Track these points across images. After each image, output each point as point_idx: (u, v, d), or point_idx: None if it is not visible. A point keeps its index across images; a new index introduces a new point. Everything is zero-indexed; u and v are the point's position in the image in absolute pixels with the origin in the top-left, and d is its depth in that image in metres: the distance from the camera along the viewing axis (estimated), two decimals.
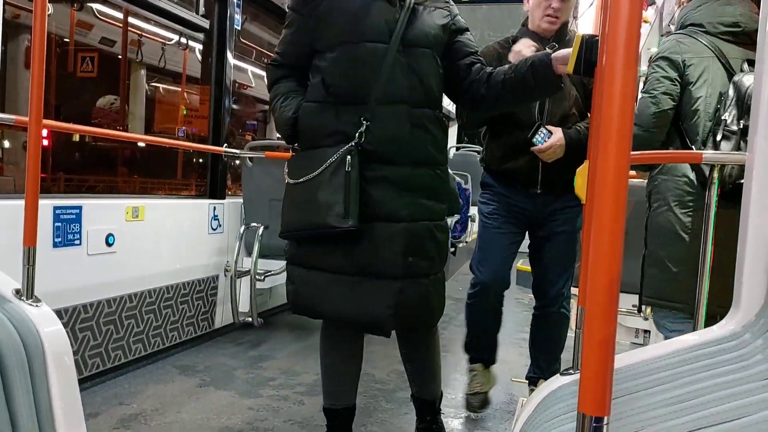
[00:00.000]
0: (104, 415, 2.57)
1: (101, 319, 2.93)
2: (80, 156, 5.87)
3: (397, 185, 1.92)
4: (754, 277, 1.24)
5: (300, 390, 2.99)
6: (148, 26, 5.67)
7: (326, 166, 1.88)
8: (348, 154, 1.87)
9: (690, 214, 2.25)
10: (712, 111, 2.22)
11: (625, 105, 0.73)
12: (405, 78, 1.91)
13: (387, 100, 1.90)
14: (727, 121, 2.13)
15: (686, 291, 2.19)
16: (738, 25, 2.26)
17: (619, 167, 0.73)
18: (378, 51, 1.90)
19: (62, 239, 2.68)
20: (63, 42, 5.41)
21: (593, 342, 0.74)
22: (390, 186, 1.91)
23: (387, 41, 1.90)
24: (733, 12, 2.27)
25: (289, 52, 2.07)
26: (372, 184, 1.90)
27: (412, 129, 1.92)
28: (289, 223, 1.99)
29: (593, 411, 0.75)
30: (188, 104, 6.12)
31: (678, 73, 2.28)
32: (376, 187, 1.90)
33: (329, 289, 1.95)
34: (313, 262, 1.98)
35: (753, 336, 1.18)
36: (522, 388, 3.11)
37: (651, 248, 2.35)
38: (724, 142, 2.13)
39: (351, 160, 1.86)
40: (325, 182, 1.88)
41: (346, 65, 1.93)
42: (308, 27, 1.99)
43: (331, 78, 1.94)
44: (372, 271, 1.91)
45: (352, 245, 1.91)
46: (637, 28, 0.74)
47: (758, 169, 1.26)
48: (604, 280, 0.74)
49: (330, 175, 1.88)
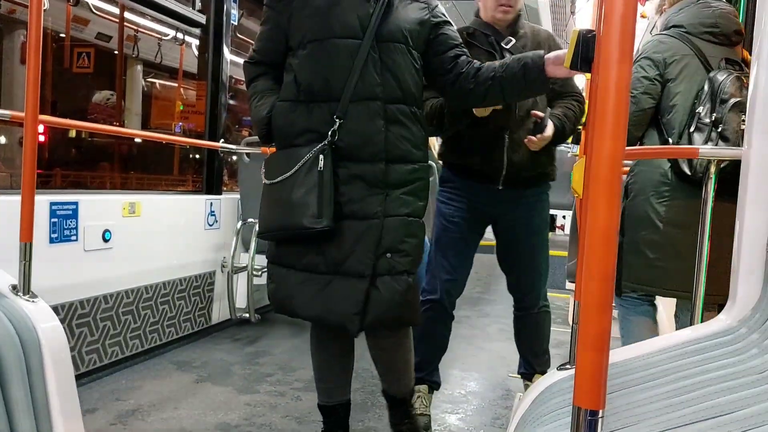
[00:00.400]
0: (101, 411, 2.57)
1: (98, 315, 2.93)
2: (76, 152, 5.86)
3: (371, 182, 1.89)
4: (750, 272, 1.25)
5: (297, 386, 2.99)
6: (144, 22, 5.65)
7: (299, 165, 1.87)
8: (321, 153, 1.86)
9: (665, 203, 2.37)
10: (689, 105, 2.33)
11: (620, 100, 0.74)
12: (378, 74, 1.88)
13: (359, 97, 1.88)
14: (701, 114, 2.26)
15: (663, 276, 2.39)
16: (717, 26, 2.39)
17: (613, 162, 0.73)
18: (350, 47, 1.88)
19: (59, 235, 2.68)
20: (59, 37, 5.40)
21: (588, 336, 0.75)
22: (364, 183, 1.89)
23: (360, 37, 1.88)
24: (712, 14, 2.40)
25: (265, 49, 2.06)
26: (346, 182, 1.89)
27: (386, 126, 1.89)
28: (265, 223, 1.99)
29: (588, 404, 0.76)
30: (185, 100, 6.11)
31: (659, 71, 2.40)
32: (350, 185, 1.89)
33: (303, 288, 1.95)
34: (290, 261, 1.98)
35: (748, 330, 1.19)
36: (518, 383, 3.12)
37: (628, 235, 2.47)
38: (697, 133, 2.25)
39: (324, 160, 1.85)
40: (298, 182, 1.88)
41: (317, 63, 1.91)
42: (282, 23, 1.97)
43: (302, 76, 1.93)
44: (343, 270, 1.89)
45: (326, 244, 1.90)
46: (631, 24, 0.74)
47: (754, 165, 1.26)
48: (598, 274, 0.74)
49: (303, 175, 1.87)
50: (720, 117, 2.19)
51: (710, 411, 0.93)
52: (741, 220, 1.28)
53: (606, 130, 0.73)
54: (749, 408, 0.91)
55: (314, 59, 1.91)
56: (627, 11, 0.74)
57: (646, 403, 1.02)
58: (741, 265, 1.26)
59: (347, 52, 1.88)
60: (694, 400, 0.97)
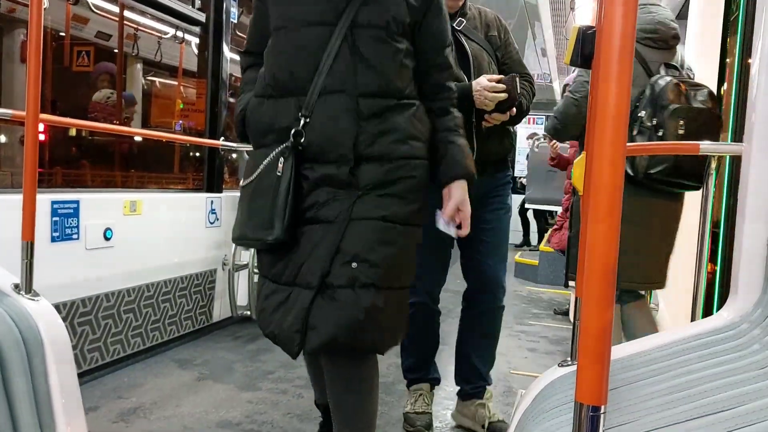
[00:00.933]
0: (103, 409, 2.58)
1: (100, 314, 2.93)
2: (76, 150, 5.86)
3: (338, 185, 1.67)
4: (751, 267, 1.25)
5: (299, 383, 2.99)
6: (144, 20, 5.65)
7: (260, 170, 1.70)
8: (281, 156, 1.67)
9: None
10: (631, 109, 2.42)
11: (621, 96, 0.74)
12: (351, 64, 1.66)
13: (328, 91, 1.66)
14: (643, 118, 2.41)
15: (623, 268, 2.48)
16: (656, 31, 2.53)
17: (614, 158, 0.73)
18: (321, 35, 1.67)
19: (60, 233, 2.68)
20: (59, 36, 5.39)
21: (590, 331, 0.75)
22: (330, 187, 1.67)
23: (333, 23, 1.67)
24: (652, 20, 2.53)
25: (252, 38, 1.91)
26: (313, 186, 1.68)
27: (358, 122, 1.66)
28: (234, 230, 1.84)
29: (590, 400, 0.76)
30: (185, 98, 6.10)
31: None
32: (317, 189, 1.68)
33: (269, 299, 1.75)
34: (263, 270, 1.81)
35: (750, 326, 1.19)
36: (520, 379, 3.13)
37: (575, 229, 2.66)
38: (639, 136, 2.41)
39: (283, 163, 1.66)
40: (258, 189, 1.71)
41: (282, 53, 1.73)
42: (262, 8, 1.81)
43: (270, 68, 1.76)
44: (297, 280, 1.68)
45: (291, 253, 1.71)
46: (632, 20, 0.74)
47: (754, 160, 1.26)
48: (600, 270, 0.74)
49: (264, 181, 1.70)
50: (660, 122, 2.34)
51: (712, 407, 0.93)
52: (741, 216, 1.28)
53: (607, 126, 0.73)
54: (751, 403, 0.91)
55: (280, 49, 1.74)
56: (627, 7, 0.74)
57: (648, 398, 1.02)
58: (742, 260, 1.26)
59: (316, 40, 1.67)
60: (695, 396, 0.98)
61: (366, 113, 1.67)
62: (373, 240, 1.65)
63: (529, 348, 3.96)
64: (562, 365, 1.39)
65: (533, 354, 3.82)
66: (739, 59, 2.60)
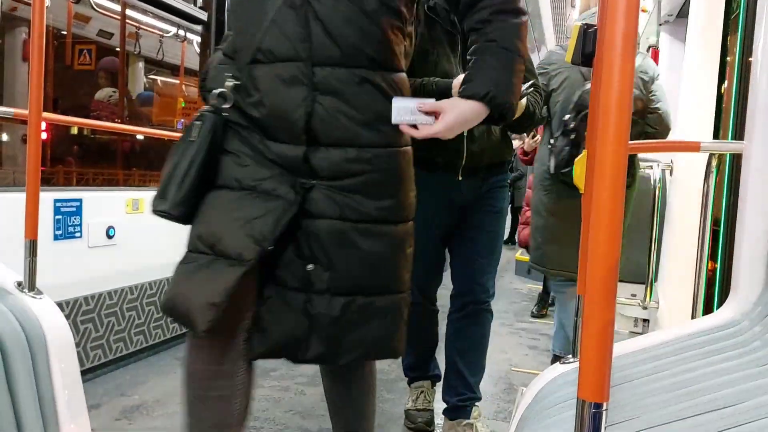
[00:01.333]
0: (106, 407, 2.59)
1: (102, 311, 2.94)
2: (78, 148, 5.87)
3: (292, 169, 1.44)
4: (752, 264, 1.25)
5: (301, 381, 3.00)
6: (146, 18, 5.65)
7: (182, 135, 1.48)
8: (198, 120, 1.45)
9: (547, 195, 2.88)
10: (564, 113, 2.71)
11: (623, 95, 0.74)
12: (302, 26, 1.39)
13: (276, 58, 1.41)
14: (567, 121, 2.62)
15: (543, 257, 2.94)
16: None
17: (617, 156, 0.74)
18: None
19: (63, 232, 2.69)
20: (60, 34, 5.39)
21: (592, 329, 0.75)
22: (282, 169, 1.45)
23: None
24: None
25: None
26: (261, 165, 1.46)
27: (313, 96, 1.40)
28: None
29: (592, 397, 0.76)
30: (186, 96, 6.10)
31: (546, 80, 2.82)
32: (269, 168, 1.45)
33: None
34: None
35: (751, 323, 1.19)
36: (521, 376, 3.14)
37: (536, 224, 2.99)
38: (561, 137, 2.66)
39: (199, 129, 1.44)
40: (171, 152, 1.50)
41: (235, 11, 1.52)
42: None
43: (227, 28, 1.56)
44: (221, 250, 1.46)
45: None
46: (634, 19, 0.75)
47: (755, 158, 1.26)
48: (602, 268, 0.75)
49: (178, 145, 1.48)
50: (576, 126, 2.56)
51: (713, 403, 0.93)
52: (742, 214, 1.28)
53: (610, 125, 0.74)
54: (752, 400, 0.91)
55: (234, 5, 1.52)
56: (630, 5, 0.74)
57: (649, 395, 1.03)
58: (742, 257, 1.26)
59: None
60: (697, 393, 0.98)
61: (324, 87, 1.41)
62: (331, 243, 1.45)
63: (529, 345, 3.96)
64: (563, 362, 1.39)
65: (534, 351, 3.83)
66: (740, 58, 2.60)
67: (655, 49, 5.06)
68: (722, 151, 1.96)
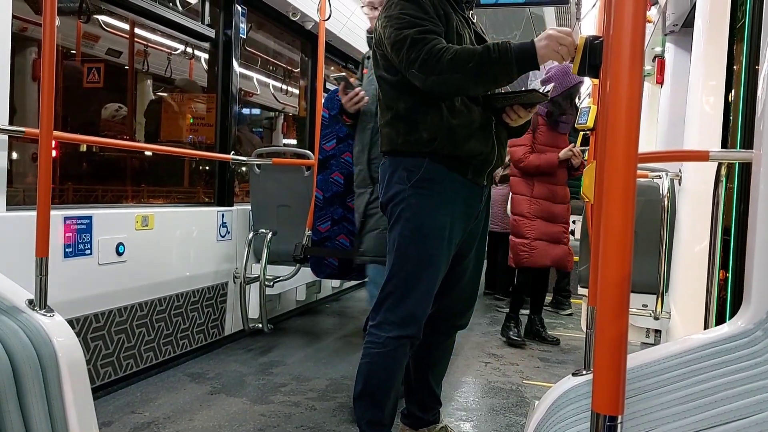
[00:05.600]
0: (117, 424, 2.59)
1: (113, 328, 2.95)
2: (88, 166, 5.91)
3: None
4: (764, 273, 1.24)
5: (312, 396, 2.99)
6: (154, 36, 5.70)
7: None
8: None
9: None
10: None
11: (632, 105, 0.74)
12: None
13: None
14: None
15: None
16: None
17: (627, 167, 0.74)
18: None
19: (73, 249, 2.70)
20: (70, 53, 5.45)
21: (605, 341, 0.75)
22: None
23: None
24: None
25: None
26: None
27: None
28: None
29: (607, 410, 0.76)
30: (195, 113, 6.15)
31: None
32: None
33: None
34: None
35: (764, 333, 1.18)
36: (533, 389, 3.11)
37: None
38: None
39: None
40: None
41: None
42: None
43: None
44: None
45: None
46: (641, 28, 0.75)
47: (765, 166, 1.26)
48: (614, 279, 0.74)
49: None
50: None
51: (728, 415, 0.92)
52: (753, 222, 1.27)
53: (619, 135, 0.74)
54: (767, 411, 0.90)
55: None
56: (637, 16, 0.74)
57: (663, 408, 1.02)
58: (755, 267, 1.25)
59: None
60: (711, 404, 0.97)
61: None
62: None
63: (540, 357, 3.94)
64: (576, 374, 1.38)
65: (545, 363, 3.80)
66: (746, 66, 2.60)
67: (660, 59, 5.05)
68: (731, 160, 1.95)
